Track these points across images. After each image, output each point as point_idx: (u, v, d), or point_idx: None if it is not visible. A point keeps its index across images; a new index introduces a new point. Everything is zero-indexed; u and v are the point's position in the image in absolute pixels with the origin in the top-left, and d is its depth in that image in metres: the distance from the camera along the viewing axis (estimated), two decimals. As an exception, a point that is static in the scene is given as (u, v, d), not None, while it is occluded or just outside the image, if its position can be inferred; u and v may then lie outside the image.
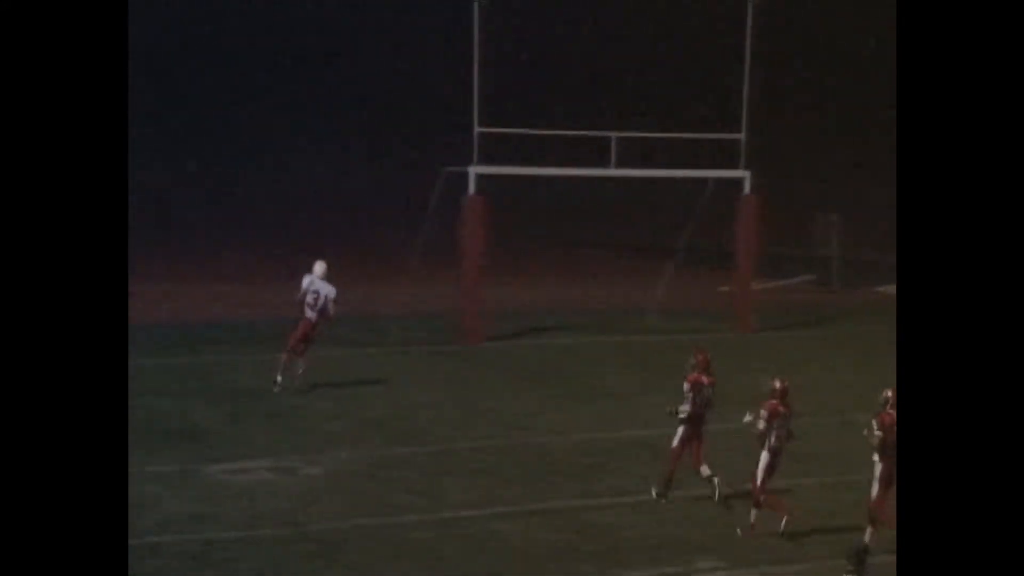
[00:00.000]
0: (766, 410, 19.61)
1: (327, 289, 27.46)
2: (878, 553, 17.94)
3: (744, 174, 36.64)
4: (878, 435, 18.94)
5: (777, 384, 19.91)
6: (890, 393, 19.00)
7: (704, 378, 21.01)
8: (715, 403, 20.98)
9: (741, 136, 36.30)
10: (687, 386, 20.98)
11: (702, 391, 20.91)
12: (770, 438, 19.61)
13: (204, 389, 27.29)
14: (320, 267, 27.57)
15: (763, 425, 19.59)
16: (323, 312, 27.49)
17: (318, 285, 27.42)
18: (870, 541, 18.70)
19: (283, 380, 27.33)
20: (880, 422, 18.90)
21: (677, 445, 21.02)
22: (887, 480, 18.88)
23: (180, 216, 57.40)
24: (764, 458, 19.69)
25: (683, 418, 20.88)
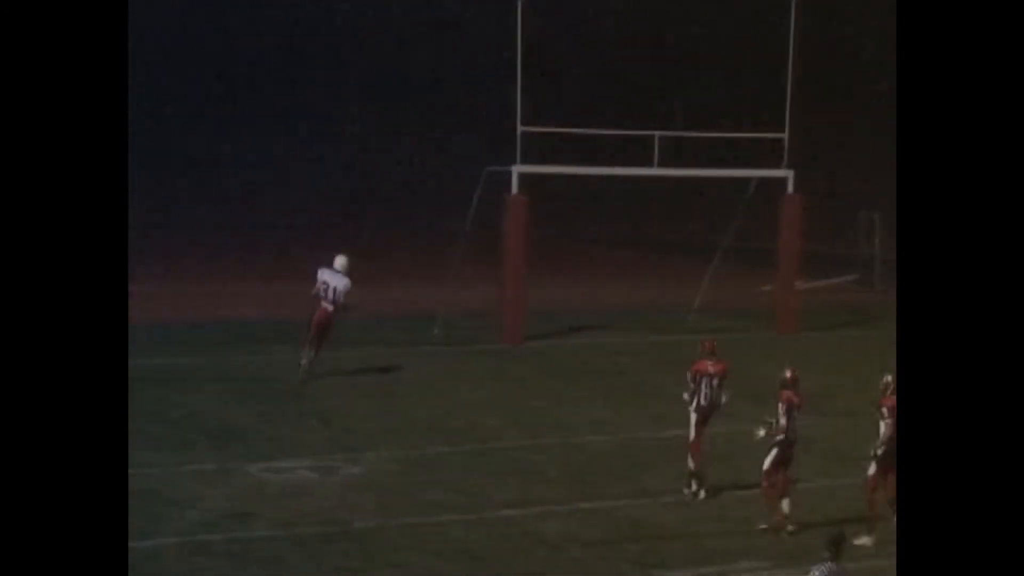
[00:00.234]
0: (784, 402, 19.53)
1: (338, 281, 28.13)
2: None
3: (787, 173, 36.50)
4: (889, 423, 18.97)
5: (788, 374, 19.87)
6: (890, 378, 18.99)
7: (710, 366, 21.01)
8: (727, 393, 21.14)
9: (784, 135, 36.16)
10: (689, 375, 21.21)
11: (708, 380, 20.95)
12: (788, 428, 19.51)
13: (244, 388, 27.35)
14: (339, 260, 28.41)
15: (784, 420, 19.51)
16: (336, 303, 28.14)
17: (328, 276, 28.19)
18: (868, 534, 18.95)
19: (305, 367, 28.07)
20: (891, 410, 18.84)
21: (694, 438, 21.15)
22: (885, 468, 19.01)
23: (214, 213, 57.52)
24: (774, 452, 19.63)
25: (692, 408, 21.06)
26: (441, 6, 67.97)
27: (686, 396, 21.23)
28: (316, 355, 28.34)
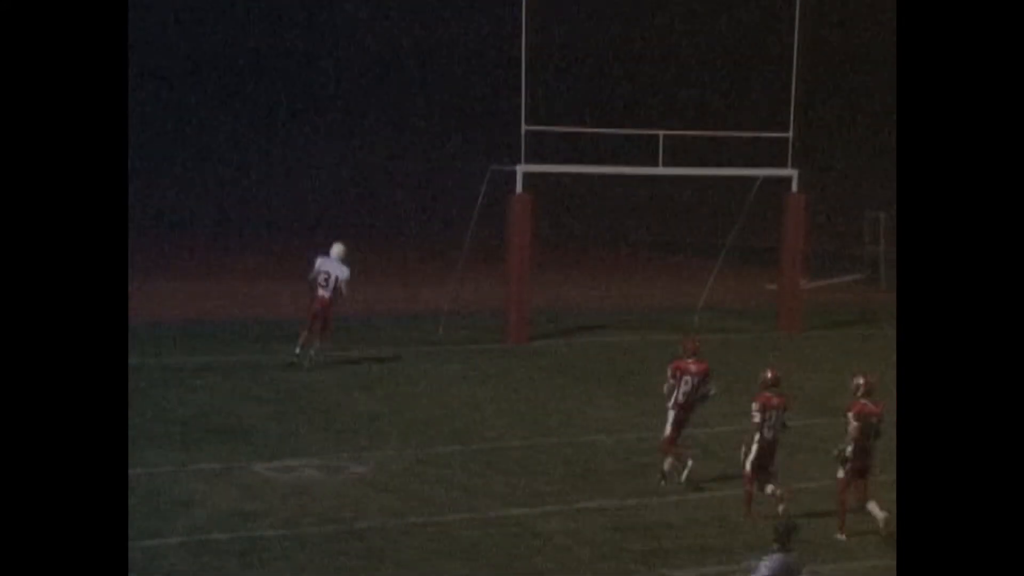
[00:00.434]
0: (758, 402, 19.80)
1: (338, 270, 28.86)
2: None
3: (792, 172, 36.51)
4: (856, 426, 19.22)
5: (768, 374, 20.08)
6: (862, 380, 19.14)
7: (692, 365, 21.23)
8: (713, 387, 21.44)
9: (789, 134, 36.16)
10: (669, 371, 21.44)
11: (689, 379, 21.18)
12: (763, 430, 19.76)
13: (249, 387, 27.38)
14: (336, 249, 29.11)
15: (758, 418, 19.80)
16: (335, 292, 28.87)
17: (328, 266, 28.88)
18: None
19: (301, 354, 28.93)
20: (857, 414, 19.05)
21: (670, 431, 21.42)
22: (856, 473, 19.27)
23: (217, 211, 57.55)
24: (754, 450, 19.84)
25: (670, 405, 21.34)
26: (445, 4, 67.96)
27: (666, 391, 21.52)
28: (320, 343, 29.05)
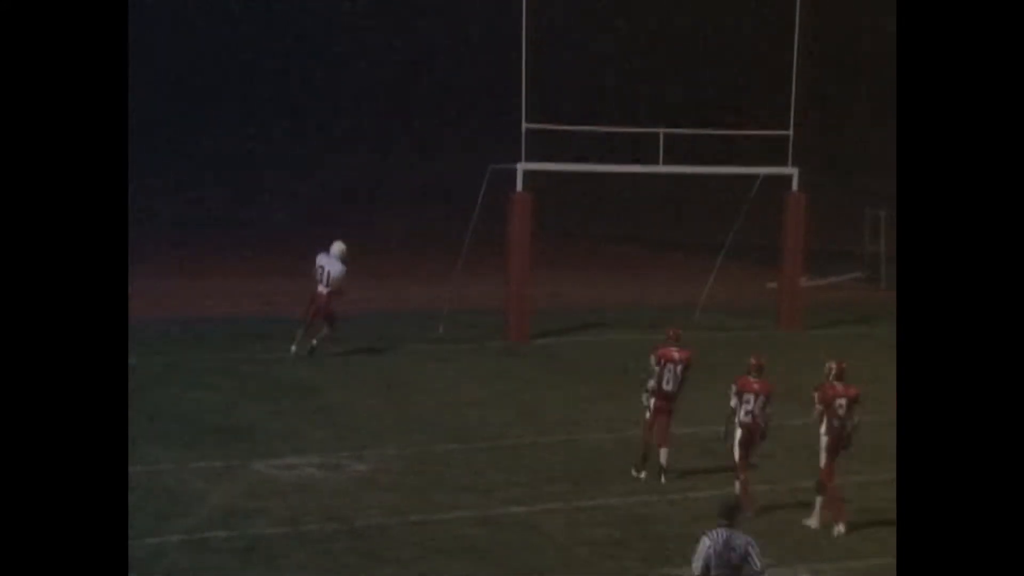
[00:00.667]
0: (736, 385, 20.13)
1: (332, 266, 29.96)
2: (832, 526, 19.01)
3: (792, 171, 36.50)
4: (819, 408, 19.55)
5: (752, 360, 20.34)
6: (834, 365, 19.36)
7: (675, 353, 21.56)
8: (689, 382, 21.80)
9: (789, 132, 36.14)
10: (653, 359, 21.72)
11: (671, 367, 21.49)
12: (740, 412, 20.02)
13: (249, 385, 27.37)
14: (336, 246, 30.29)
15: (733, 401, 20.11)
16: (330, 287, 29.93)
17: (325, 261, 30.05)
18: (820, 512, 19.50)
19: (297, 349, 29.90)
20: (822, 395, 19.27)
21: (649, 418, 21.77)
22: (832, 452, 19.56)
23: (219, 209, 57.53)
24: (737, 433, 20.13)
25: (650, 391, 21.67)
26: (445, 1, 67.95)
27: (651, 383, 21.79)
28: (319, 337, 29.88)
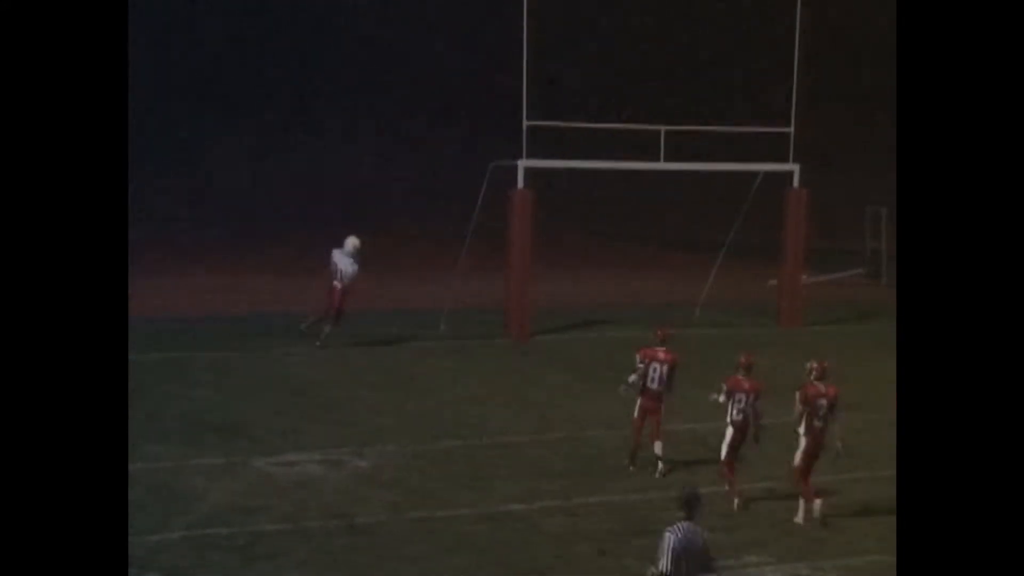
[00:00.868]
0: (725, 384, 20.39)
1: (345, 264, 30.95)
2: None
3: (793, 167, 36.54)
4: (800, 408, 19.66)
5: (742, 358, 20.59)
6: (815, 364, 19.44)
7: (660, 353, 21.83)
8: (676, 381, 22.03)
9: (790, 129, 36.16)
10: (638, 357, 22.03)
11: (656, 365, 21.74)
12: (731, 412, 20.26)
13: (250, 382, 27.40)
14: (349, 242, 31.22)
15: (722, 399, 20.39)
16: (342, 283, 31.02)
17: (337, 258, 30.98)
18: (804, 510, 19.51)
19: (307, 328, 31.30)
20: (803, 394, 19.32)
21: (636, 416, 22.08)
22: (810, 453, 19.68)
23: (222, 209, 57.51)
24: (728, 432, 20.36)
25: (635, 389, 22.00)
26: (446, -1, 68.01)
27: (634, 377, 22.10)
28: (330, 328, 31.04)
